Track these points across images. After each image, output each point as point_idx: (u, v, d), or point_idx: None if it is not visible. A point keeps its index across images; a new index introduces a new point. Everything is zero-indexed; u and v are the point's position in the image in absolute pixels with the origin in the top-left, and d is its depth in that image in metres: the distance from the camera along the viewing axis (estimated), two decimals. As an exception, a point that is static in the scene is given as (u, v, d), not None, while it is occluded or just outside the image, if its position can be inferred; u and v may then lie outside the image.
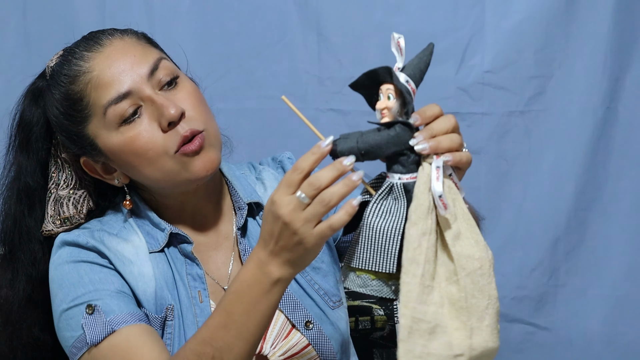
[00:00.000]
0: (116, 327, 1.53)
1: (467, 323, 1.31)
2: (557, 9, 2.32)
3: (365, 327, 2.11)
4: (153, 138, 1.55)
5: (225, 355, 1.41)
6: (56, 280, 1.60)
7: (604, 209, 2.39)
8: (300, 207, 1.29)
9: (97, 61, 1.58)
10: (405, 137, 1.29)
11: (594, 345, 2.41)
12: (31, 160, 1.70)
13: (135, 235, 1.66)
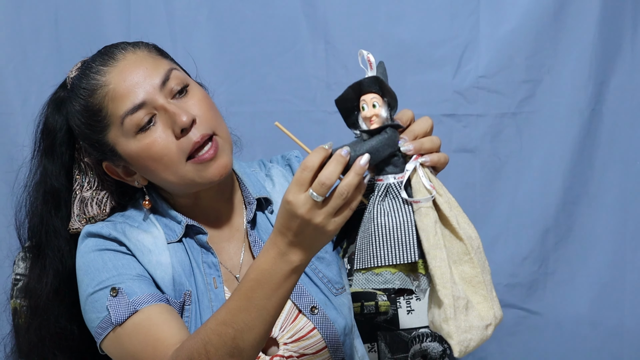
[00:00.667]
0: (138, 307, 1.60)
1: (487, 296, 1.40)
2: (546, 19, 2.35)
3: (370, 312, 2.18)
4: (168, 144, 1.62)
5: (246, 335, 1.46)
6: (82, 268, 1.68)
7: (589, 202, 2.43)
8: (315, 205, 1.34)
9: (113, 75, 1.64)
10: (396, 138, 1.35)
11: (580, 327, 2.46)
12: (56, 164, 1.76)
13: (155, 227, 1.73)
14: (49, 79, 2.32)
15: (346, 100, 1.38)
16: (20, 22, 2.35)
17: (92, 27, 2.32)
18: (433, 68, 2.36)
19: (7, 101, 2.37)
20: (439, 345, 2.19)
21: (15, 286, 2.08)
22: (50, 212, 1.78)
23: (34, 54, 2.35)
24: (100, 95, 1.64)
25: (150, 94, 1.62)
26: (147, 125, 1.62)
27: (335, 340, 1.74)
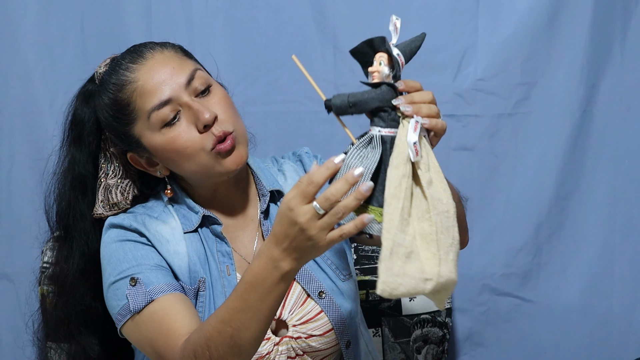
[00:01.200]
0: (155, 296, 1.68)
1: (437, 254, 1.43)
2: (540, 26, 2.38)
3: (375, 299, 2.26)
4: (191, 138, 1.70)
5: (243, 333, 1.54)
6: (105, 257, 1.77)
7: (580, 198, 2.46)
8: (316, 216, 1.41)
9: (141, 72, 1.71)
10: (389, 96, 1.44)
11: (571, 315, 2.49)
12: (83, 153, 1.84)
13: (172, 218, 1.80)
14: (75, 80, 2.25)
15: (361, 53, 1.46)
16: (49, 27, 2.38)
17: (116, 31, 2.37)
18: (434, 71, 2.40)
19: (36, 101, 2.40)
20: (439, 330, 2.27)
21: (43, 274, 2.17)
22: (77, 198, 1.85)
23: (61, 56, 2.39)
24: (129, 90, 1.71)
25: (176, 92, 1.70)
26: (172, 120, 1.70)
27: (342, 323, 1.81)
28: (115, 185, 1.84)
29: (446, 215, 1.47)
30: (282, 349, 1.79)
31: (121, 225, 1.77)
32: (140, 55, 1.74)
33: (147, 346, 1.70)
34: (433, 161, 1.48)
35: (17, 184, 2.43)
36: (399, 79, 1.47)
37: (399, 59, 1.46)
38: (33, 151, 2.41)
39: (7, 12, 2.37)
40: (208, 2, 2.38)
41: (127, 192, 1.85)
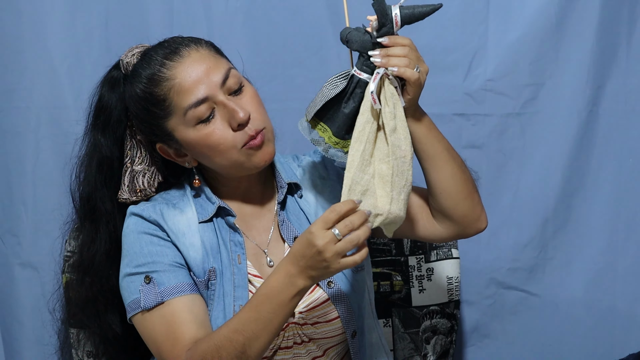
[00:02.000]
0: (165, 298, 1.74)
1: (390, 194, 1.58)
2: (548, 28, 2.39)
3: (386, 290, 2.30)
4: (224, 135, 1.75)
5: (253, 343, 1.62)
6: (125, 246, 1.82)
7: (585, 195, 2.47)
8: (333, 241, 1.53)
9: (179, 70, 1.74)
10: (367, 44, 1.62)
11: (576, 308, 2.50)
12: (109, 138, 1.88)
13: (190, 208, 1.85)
14: (100, 76, 2.25)
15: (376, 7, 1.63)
16: (75, 25, 2.40)
17: (139, 29, 2.38)
18: (445, 71, 2.42)
19: (61, 96, 2.41)
20: (448, 321, 2.31)
21: (66, 262, 2.22)
22: (103, 181, 1.90)
23: (87, 53, 2.40)
24: (166, 87, 1.74)
25: (212, 90, 1.74)
26: (208, 118, 1.74)
27: (348, 312, 1.86)
28: (142, 173, 1.88)
29: (403, 160, 1.63)
30: (288, 335, 1.83)
31: (141, 215, 1.82)
32: (176, 53, 1.77)
33: (152, 344, 1.77)
34: (399, 110, 1.63)
35: (42, 176, 2.45)
36: (390, 34, 1.62)
37: (394, 17, 1.61)
38: (58, 145, 2.43)
39: (35, 11, 2.39)
40: (228, 2, 2.39)
41: (153, 180, 1.89)
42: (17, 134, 2.44)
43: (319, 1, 2.42)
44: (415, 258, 2.29)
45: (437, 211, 1.82)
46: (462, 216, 1.80)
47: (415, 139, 1.72)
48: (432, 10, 1.62)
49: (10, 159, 2.45)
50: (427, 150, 1.74)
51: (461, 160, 1.79)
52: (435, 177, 1.76)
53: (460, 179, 1.77)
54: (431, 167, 1.76)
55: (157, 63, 1.76)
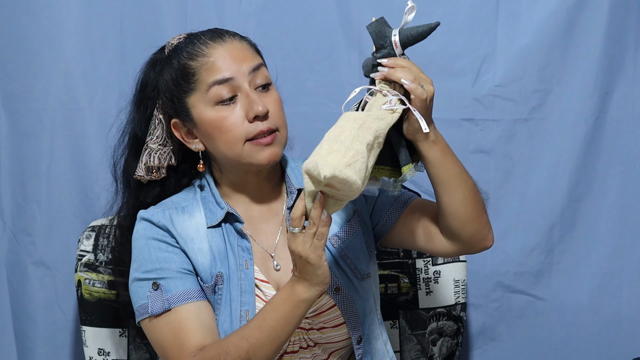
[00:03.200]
0: (172, 305, 1.75)
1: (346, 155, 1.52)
2: (557, 35, 2.39)
3: (393, 292, 2.30)
4: (237, 123, 1.77)
5: (257, 351, 1.65)
6: (134, 250, 1.83)
7: (592, 201, 2.47)
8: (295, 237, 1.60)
9: (217, 51, 1.79)
10: (368, 67, 1.64)
11: (582, 313, 2.49)
12: (141, 115, 1.91)
13: (199, 211, 1.85)
14: (114, 79, 2.42)
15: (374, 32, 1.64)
16: (90, 29, 2.42)
17: (153, 33, 2.40)
18: (454, 77, 2.43)
19: (76, 98, 2.44)
20: (454, 323, 2.31)
21: (79, 261, 2.23)
22: (134, 155, 1.92)
23: (101, 56, 2.43)
24: (200, 62, 1.79)
25: (240, 76, 1.78)
26: (228, 101, 1.77)
27: (354, 318, 1.86)
28: (156, 150, 1.89)
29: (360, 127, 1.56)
30: (294, 339, 1.84)
31: (150, 220, 1.83)
32: (220, 37, 1.83)
33: (159, 349, 1.79)
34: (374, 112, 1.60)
35: (56, 176, 2.47)
36: (388, 55, 1.61)
37: (393, 39, 1.60)
38: (72, 146, 2.46)
39: (51, 14, 2.41)
40: (241, 8, 2.42)
41: (164, 160, 1.90)
42: (32, 135, 2.46)
43: (330, 7, 2.43)
44: (423, 261, 2.30)
45: (445, 230, 1.81)
46: (469, 237, 1.80)
47: (429, 163, 1.71)
48: (429, 29, 1.61)
49: (25, 159, 2.47)
50: (440, 175, 1.72)
51: (473, 182, 1.77)
52: (446, 201, 1.75)
53: (471, 203, 1.75)
54: (443, 191, 1.74)
55: (201, 42, 1.82)
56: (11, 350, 2.53)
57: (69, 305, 2.45)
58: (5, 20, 2.43)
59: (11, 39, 2.44)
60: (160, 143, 1.90)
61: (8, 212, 2.49)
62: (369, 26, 1.63)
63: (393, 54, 1.62)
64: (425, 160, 1.71)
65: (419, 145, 1.69)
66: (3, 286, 2.51)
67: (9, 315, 2.51)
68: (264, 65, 1.85)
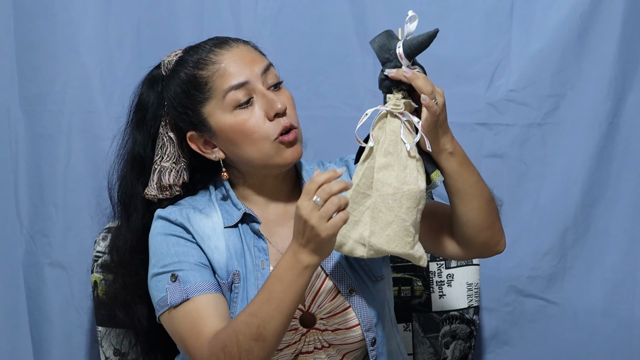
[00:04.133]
0: (191, 295, 1.76)
1: (371, 227, 1.60)
2: (571, 40, 2.39)
3: (406, 295, 2.31)
4: (259, 123, 1.79)
5: (268, 324, 1.63)
6: (152, 248, 1.84)
7: (605, 205, 2.46)
8: (316, 208, 1.54)
9: (226, 57, 1.81)
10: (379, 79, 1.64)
11: (594, 317, 2.49)
12: (144, 136, 1.92)
13: (215, 213, 1.87)
14: (131, 82, 2.33)
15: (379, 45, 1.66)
16: (107, 32, 2.44)
17: (169, 37, 2.41)
18: (468, 82, 2.44)
19: (93, 100, 2.45)
20: (467, 327, 2.32)
21: (95, 262, 2.25)
22: (136, 177, 1.93)
23: (118, 59, 2.44)
24: (211, 70, 1.80)
25: (253, 78, 1.80)
26: (246, 104, 1.79)
27: (368, 320, 1.87)
28: (169, 169, 1.90)
29: (392, 198, 1.61)
30: (309, 340, 1.85)
31: (167, 219, 1.85)
32: (225, 43, 1.85)
33: (178, 340, 1.80)
34: (400, 147, 1.63)
35: (73, 178, 2.48)
36: (394, 67, 1.62)
37: (399, 52, 1.61)
38: (89, 148, 2.47)
39: (69, 17, 2.43)
40: (257, 12, 2.43)
41: (179, 178, 1.91)
42: (50, 137, 2.47)
43: (345, 11, 2.44)
44: (436, 264, 2.30)
45: (458, 236, 1.83)
46: (481, 243, 1.81)
47: (446, 173, 1.72)
48: (429, 37, 1.61)
49: (42, 161, 2.48)
50: (456, 185, 1.73)
51: (488, 191, 1.78)
52: (461, 210, 1.76)
53: (485, 212, 1.77)
54: (458, 200, 1.75)
55: (206, 50, 1.83)
56: (27, 350, 2.54)
57: (85, 306, 2.46)
58: (24, 23, 2.45)
59: (29, 41, 2.45)
60: (173, 161, 1.91)
61: (25, 214, 2.51)
62: (372, 42, 1.64)
63: (399, 66, 1.62)
64: (442, 171, 1.72)
65: (435, 156, 1.70)
66: (20, 287, 2.52)
67: (25, 316, 2.53)
68: (272, 65, 1.87)
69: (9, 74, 2.47)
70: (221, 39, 1.86)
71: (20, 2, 2.44)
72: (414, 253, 1.66)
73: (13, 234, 2.52)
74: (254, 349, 1.64)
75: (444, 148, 1.70)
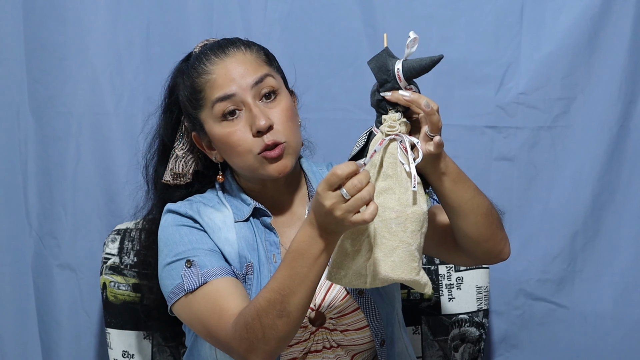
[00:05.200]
0: (208, 278, 1.76)
1: (374, 255, 1.55)
2: (581, 43, 2.39)
3: (416, 298, 2.31)
4: (244, 138, 1.79)
5: (291, 299, 1.61)
6: (162, 240, 1.85)
7: (615, 209, 2.46)
8: (341, 200, 1.50)
9: (219, 67, 1.81)
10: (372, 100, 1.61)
11: (604, 321, 2.48)
12: (167, 121, 1.95)
13: (225, 208, 1.89)
14: (140, 84, 2.45)
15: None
16: (116, 35, 2.45)
17: (179, 39, 2.42)
18: (478, 84, 2.44)
19: (103, 103, 2.46)
20: (476, 330, 2.31)
21: (104, 264, 2.26)
22: (159, 161, 1.97)
23: (127, 62, 2.46)
24: (204, 80, 1.81)
25: (242, 90, 1.79)
26: (232, 116, 1.79)
27: (377, 321, 1.87)
28: (182, 157, 1.93)
29: (395, 222, 1.55)
30: (317, 339, 1.85)
31: (177, 212, 1.86)
32: (223, 52, 1.84)
33: (198, 324, 1.78)
34: (399, 170, 1.57)
35: (82, 180, 2.49)
36: (391, 89, 1.58)
37: (397, 73, 1.56)
38: (98, 150, 2.48)
39: (78, 19, 2.44)
40: (266, 14, 2.44)
41: (190, 166, 1.94)
42: (59, 139, 2.49)
43: (355, 14, 2.44)
44: (445, 267, 2.30)
45: (460, 246, 1.81)
46: (483, 253, 1.80)
47: (438, 193, 1.69)
48: (432, 63, 1.55)
49: (51, 162, 2.50)
50: (450, 203, 1.70)
51: (487, 203, 1.74)
52: (459, 225, 1.74)
53: (483, 225, 1.74)
54: (454, 216, 1.73)
55: (206, 57, 1.84)
56: (36, 352, 2.55)
57: (94, 308, 2.47)
58: (34, 25, 2.46)
59: (39, 44, 2.47)
60: (187, 150, 1.94)
61: (34, 215, 2.52)
62: (370, 62, 1.61)
63: (397, 87, 1.58)
64: (434, 190, 1.70)
65: (427, 177, 1.67)
66: (29, 289, 2.54)
67: (34, 318, 2.54)
68: (270, 75, 1.84)
69: (18, 76, 2.48)
70: (224, 44, 1.85)
71: (30, 5, 2.46)
72: (420, 279, 1.59)
73: (22, 235, 2.53)
74: (278, 325, 1.62)
75: (437, 169, 1.66)
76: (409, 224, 1.56)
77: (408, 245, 1.56)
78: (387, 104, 1.60)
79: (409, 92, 1.57)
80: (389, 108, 1.60)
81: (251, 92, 1.80)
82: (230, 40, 1.87)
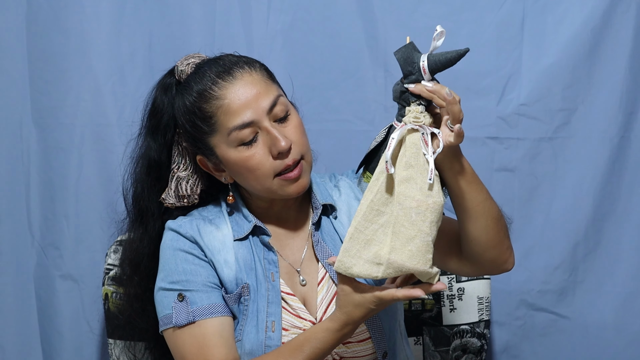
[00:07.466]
0: (197, 318, 1.77)
1: (391, 243, 1.55)
2: (582, 55, 2.40)
3: (417, 309, 2.32)
4: (263, 161, 1.77)
5: None
6: (161, 261, 1.85)
7: (616, 220, 2.46)
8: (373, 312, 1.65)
9: (229, 91, 1.76)
10: (396, 93, 1.62)
11: (605, 332, 2.49)
12: (159, 142, 1.90)
13: (225, 225, 1.87)
14: (142, 95, 2.30)
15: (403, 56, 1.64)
16: (119, 46, 2.45)
17: (180, 52, 2.27)
18: (479, 95, 2.44)
19: (105, 114, 2.46)
20: (478, 340, 2.32)
21: (106, 275, 2.27)
22: (151, 183, 1.92)
23: (130, 73, 2.46)
24: (215, 105, 1.77)
25: (259, 116, 1.77)
26: (250, 141, 1.77)
27: (379, 333, 1.88)
28: (185, 179, 1.90)
29: (415, 211, 1.57)
30: (320, 351, 1.87)
31: (178, 231, 1.85)
32: (229, 73, 1.79)
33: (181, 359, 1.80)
34: (420, 160, 1.59)
35: (84, 190, 2.50)
36: (415, 81, 1.60)
37: (423, 65, 1.59)
38: (101, 161, 2.49)
39: (81, 30, 2.45)
40: (268, 26, 2.44)
41: (196, 187, 1.91)
42: (62, 150, 2.49)
43: (356, 26, 2.45)
44: (447, 278, 2.31)
45: (466, 253, 1.82)
46: (489, 261, 1.80)
47: (452, 192, 1.71)
48: (458, 56, 1.59)
49: (54, 173, 2.50)
50: (463, 203, 1.71)
51: (497, 209, 1.76)
52: (468, 227, 1.75)
53: (493, 230, 1.75)
54: (465, 218, 1.74)
55: (209, 80, 1.79)
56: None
57: (96, 319, 2.48)
58: (37, 37, 2.47)
59: (42, 55, 2.47)
60: (190, 171, 1.91)
61: (37, 226, 2.52)
62: (397, 52, 1.63)
63: (421, 79, 1.60)
64: (449, 189, 1.71)
65: (443, 174, 1.68)
66: (31, 299, 2.54)
67: (36, 328, 2.54)
68: (281, 93, 1.84)
69: (21, 86, 2.49)
70: (226, 65, 1.81)
71: (33, 16, 2.46)
72: (432, 271, 1.61)
73: (24, 246, 2.53)
74: None
75: (453, 167, 1.68)
76: (429, 214, 1.58)
77: (426, 235, 1.57)
78: (410, 96, 1.62)
79: (431, 82, 1.59)
80: (412, 100, 1.62)
81: (268, 117, 1.78)
82: (230, 60, 1.84)
